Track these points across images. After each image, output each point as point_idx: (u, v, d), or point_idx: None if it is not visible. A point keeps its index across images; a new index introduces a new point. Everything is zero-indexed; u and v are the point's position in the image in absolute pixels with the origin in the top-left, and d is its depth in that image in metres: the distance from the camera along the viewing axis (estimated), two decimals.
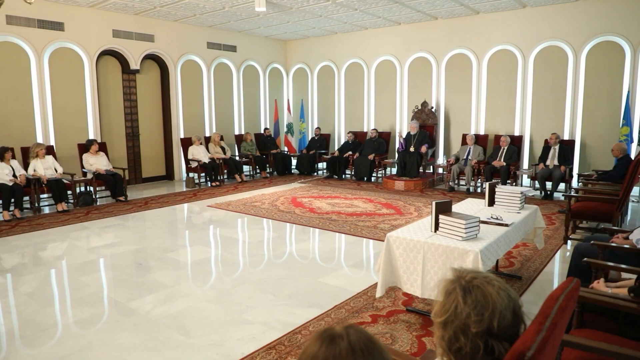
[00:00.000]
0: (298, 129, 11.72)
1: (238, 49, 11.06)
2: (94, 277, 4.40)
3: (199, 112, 10.47)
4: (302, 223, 6.21)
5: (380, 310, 3.46)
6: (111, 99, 9.16)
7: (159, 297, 3.78)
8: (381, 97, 10.75)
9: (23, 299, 3.82)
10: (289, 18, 9.50)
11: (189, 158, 9.39)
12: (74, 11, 8.20)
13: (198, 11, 8.86)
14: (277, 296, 3.76)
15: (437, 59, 9.76)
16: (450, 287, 1.19)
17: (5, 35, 7.47)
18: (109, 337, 3.11)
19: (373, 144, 9.88)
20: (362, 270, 4.46)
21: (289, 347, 2.93)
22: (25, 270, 4.61)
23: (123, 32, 8.93)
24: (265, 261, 4.79)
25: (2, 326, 3.36)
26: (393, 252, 3.20)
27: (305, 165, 10.67)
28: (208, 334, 3.12)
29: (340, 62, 11.32)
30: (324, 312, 3.42)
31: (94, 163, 7.81)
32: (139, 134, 9.67)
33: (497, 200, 4.07)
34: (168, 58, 9.74)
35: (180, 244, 5.59)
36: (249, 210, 6.99)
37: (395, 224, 6.05)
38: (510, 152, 8.23)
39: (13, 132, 7.64)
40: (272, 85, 12.09)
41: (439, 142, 9.85)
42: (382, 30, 10.46)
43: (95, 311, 3.58)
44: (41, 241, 5.58)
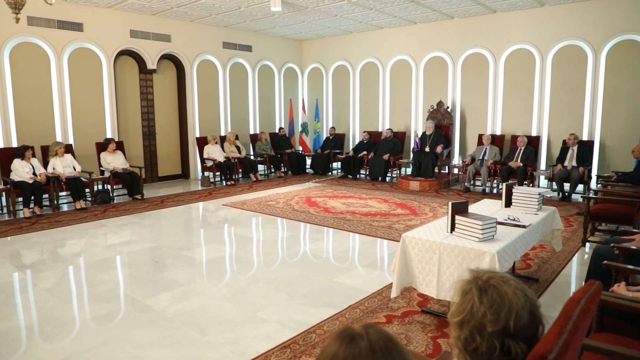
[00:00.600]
0: (313, 128, 11.72)
1: (253, 48, 11.11)
2: (111, 274, 4.46)
3: (214, 111, 10.55)
4: (317, 222, 6.21)
5: (395, 310, 3.44)
6: (128, 98, 9.27)
7: (174, 295, 3.81)
8: (396, 96, 10.70)
9: (42, 295, 3.89)
10: (304, 18, 9.51)
11: (205, 157, 9.46)
12: (93, 12, 8.32)
13: (214, 11, 8.92)
14: (291, 295, 3.76)
15: (453, 58, 9.68)
16: (466, 287, 1.18)
17: (26, 36, 7.61)
18: (125, 334, 3.15)
19: (388, 144, 9.84)
20: (377, 270, 4.44)
21: (304, 346, 2.93)
22: (45, 266, 4.69)
23: (140, 32, 9.03)
24: (279, 260, 4.80)
25: (22, 321, 3.42)
26: (408, 253, 3.18)
27: (320, 164, 10.67)
28: (223, 332, 3.13)
29: (355, 62, 11.30)
30: (339, 312, 3.41)
31: (111, 162, 7.91)
32: (155, 133, 9.77)
33: (514, 201, 4.02)
34: (184, 58, 9.82)
35: (196, 242, 5.64)
36: (263, 210, 7.02)
37: (410, 224, 6.02)
38: (527, 152, 8.12)
39: (33, 130, 7.78)
40: (287, 84, 12.12)
41: (455, 142, 9.77)
42: (397, 29, 10.41)
43: (112, 308, 3.62)
44: (60, 238, 5.67)
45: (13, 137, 7.59)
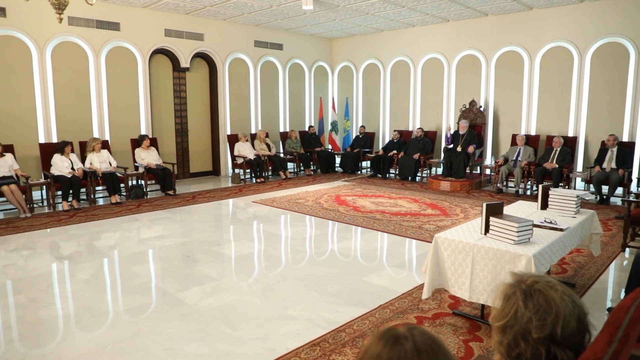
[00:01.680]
0: (342, 127, 11.70)
1: (284, 47, 11.17)
2: (145, 267, 4.56)
3: (245, 109, 10.65)
4: (346, 221, 6.20)
5: (425, 312, 3.40)
6: (162, 96, 9.47)
7: (205, 290, 3.87)
8: (427, 95, 10.57)
9: (80, 286, 4.01)
10: (335, 16, 9.50)
11: (235, 154, 9.57)
12: (129, 12, 8.52)
13: (246, 10, 9.00)
14: (321, 293, 3.77)
15: (486, 56, 9.49)
16: (509, 291, 1.15)
17: (67, 35, 7.86)
18: (158, 326, 3.21)
19: (418, 143, 9.73)
20: (407, 270, 4.40)
21: (333, 344, 2.93)
22: (81, 258, 4.84)
23: (174, 31, 9.20)
24: (308, 258, 4.81)
25: (60, 310, 3.54)
26: (441, 254, 3.13)
27: (349, 163, 10.64)
28: (253, 328, 3.16)
29: (386, 60, 11.21)
30: (368, 312, 3.39)
31: (145, 158, 8.09)
32: (187, 130, 9.95)
33: (550, 204, 3.91)
34: (216, 56, 9.95)
35: (226, 238, 5.71)
36: (292, 207, 7.05)
37: (441, 225, 5.94)
38: (563, 153, 7.89)
39: (72, 127, 8.03)
40: (317, 83, 12.14)
41: (487, 142, 9.58)
42: (429, 27, 10.27)
43: (146, 300, 3.71)
44: (96, 231, 5.84)
45: (53, 133, 7.86)
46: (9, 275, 4.32)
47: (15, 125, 7.47)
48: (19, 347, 2.97)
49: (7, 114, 7.39)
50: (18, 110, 7.51)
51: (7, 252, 5.02)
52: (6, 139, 7.16)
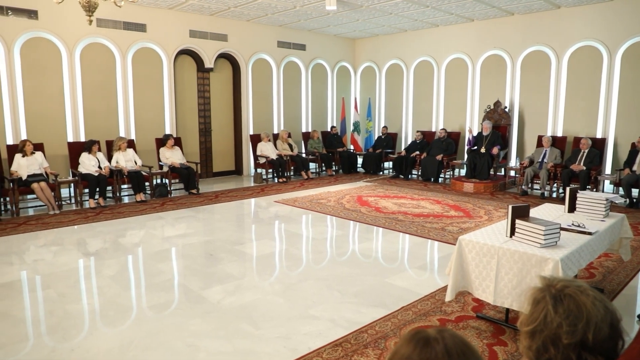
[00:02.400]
0: (365, 127, 11.67)
1: (307, 47, 11.19)
2: (169, 265, 4.63)
3: (268, 109, 10.72)
4: (368, 222, 6.18)
5: (448, 314, 3.36)
6: (186, 96, 9.60)
7: (228, 288, 3.91)
8: (451, 96, 10.45)
9: (106, 281, 4.10)
10: (359, 16, 9.48)
11: (258, 154, 9.64)
12: (155, 13, 8.66)
13: (270, 11, 9.05)
14: (342, 294, 3.76)
15: (512, 56, 9.33)
16: (538, 295, 1.12)
17: (95, 37, 8.04)
18: (182, 323, 3.26)
19: (441, 144, 9.64)
20: (429, 272, 4.36)
21: (355, 345, 2.92)
22: (107, 254, 4.94)
23: (199, 32, 9.31)
24: (330, 258, 4.82)
25: (87, 305, 3.62)
26: (465, 256, 3.10)
27: (371, 164, 10.60)
28: (275, 327, 3.18)
29: (409, 60, 11.14)
30: (391, 313, 3.38)
31: (169, 157, 8.21)
32: (211, 130, 10.06)
33: (578, 207, 3.82)
34: (240, 57, 10.04)
35: (248, 237, 5.76)
36: (314, 207, 7.06)
37: (464, 227, 5.87)
38: (591, 155, 7.71)
39: (99, 126, 8.21)
40: (340, 83, 12.13)
41: (512, 144, 9.42)
42: (453, 27, 10.16)
43: (170, 297, 3.76)
44: (121, 228, 5.96)
45: (81, 132, 8.05)
46: (38, 270, 4.44)
47: (45, 125, 7.68)
48: (48, 340, 3.05)
49: (37, 113, 7.60)
50: (48, 109, 7.72)
51: (37, 248, 5.16)
52: (36, 137, 7.37)
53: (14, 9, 7.21)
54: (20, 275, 4.34)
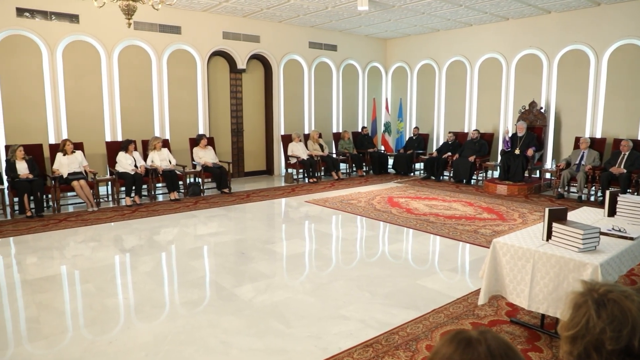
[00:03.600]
0: (396, 128, 11.58)
1: (338, 48, 11.20)
2: (201, 262, 4.72)
3: (299, 109, 10.79)
4: (399, 223, 6.14)
5: (481, 318, 3.31)
6: (219, 96, 9.76)
7: (260, 286, 3.96)
8: (484, 96, 10.27)
9: (142, 277, 4.21)
10: (391, 16, 9.43)
11: (289, 154, 9.71)
12: (190, 15, 8.85)
13: (302, 12, 9.10)
14: (373, 294, 3.75)
15: (548, 55, 9.09)
16: (580, 300, 1.10)
17: (132, 39, 8.27)
18: (215, 320, 3.32)
19: (474, 145, 9.47)
20: (461, 275, 4.30)
21: (386, 346, 2.91)
22: (142, 251, 5.08)
23: (232, 33, 9.45)
24: (360, 259, 4.81)
25: (124, 300, 3.73)
26: (499, 259, 3.04)
27: (402, 165, 10.52)
28: (306, 326, 3.20)
29: (441, 60, 11.00)
30: (422, 315, 3.35)
31: (202, 156, 8.37)
32: (242, 130, 10.20)
33: (618, 211, 3.70)
34: (272, 58, 10.14)
35: (279, 236, 5.81)
36: (345, 208, 7.06)
37: (498, 229, 5.76)
38: (632, 157, 7.42)
39: (135, 126, 8.44)
40: (371, 83, 12.09)
41: (548, 145, 9.18)
42: (487, 26, 9.98)
43: (203, 294, 3.84)
44: (156, 226, 6.11)
45: (118, 131, 8.29)
46: (77, 265, 4.60)
47: (84, 125, 7.95)
48: (88, 332, 3.16)
49: (77, 113, 7.87)
50: (87, 110, 7.98)
51: (76, 244, 5.35)
52: (77, 137, 7.64)
53: (57, 13, 7.50)
54: (61, 270, 4.52)
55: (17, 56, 7.28)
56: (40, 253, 4.97)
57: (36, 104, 7.51)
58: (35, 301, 3.67)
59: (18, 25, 7.21)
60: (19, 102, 7.35)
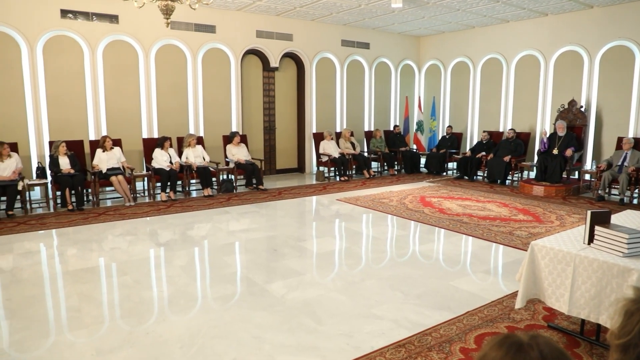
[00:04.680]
0: (428, 127, 11.44)
1: (371, 45, 11.14)
2: (234, 258, 4.79)
3: (331, 108, 10.79)
4: (431, 223, 6.06)
5: (517, 322, 3.23)
6: (252, 94, 9.86)
7: (291, 283, 3.98)
8: (521, 94, 10.01)
9: (177, 271, 4.30)
10: (425, 13, 9.30)
11: (320, 152, 9.72)
12: (225, 15, 8.97)
13: (335, 10, 9.09)
14: (406, 295, 3.72)
15: (589, 52, 8.78)
16: (632, 307, 1.05)
17: (169, 39, 8.44)
18: (247, 315, 3.36)
19: (510, 145, 9.25)
20: (495, 277, 4.21)
21: (419, 347, 2.88)
22: (177, 245, 5.19)
23: (265, 32, 9.53)
24: (392, 258, 4.77)
25: (159, 292, 3.82)
26: (537, 262, 2.96)
27: (435, 164, 10.38)
28: (338, 324, 3.20)
29: (476, 58, 10.79)
30: (456, 317, 3.30)
31: (235, 153, 8.47)
32: (275, 127, 10.27)
33: None
34: (304, 56, 10.17)
35: (311, 234, 5.83)
36: (376, 207, 7.02)
37: (534, 231, 5.61)
38: None
39: (171, 123, 8.63)
40: (404, 82, 11.97)
41: (588, 146, 8.87)
42: (525, 22, 9.72)
43: (236, 289, 3.89)
44: (190, 221, 6.23)
45: (155, 128, 8.49)
46: (115, 257, 4.74)
47: (123, 122, 8.17)
48: (126, 323, 3.25)
49: (116, 111, 8.11)
50: (126, 107, 8.21)
51: (114, 237, 5.51)
52: (115, 133, 7.87)
53: (98, 14, 7.73)
54: (99, 262, 4.66)
55: (60, 56, 7.55)
56: (81, 245, 5.14)
57: (78, 102, 7.77)
58: (77, 291, 3.80)
59: (62, 26, 7.48)
60: (62, 100, 7.63)
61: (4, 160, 6.51)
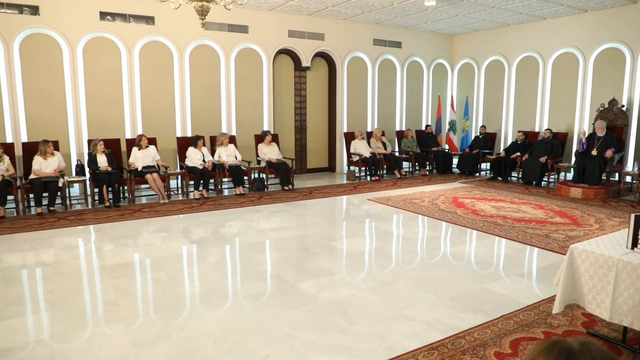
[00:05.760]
0: (461, 126, 11.25)
1: (403, 44, 11.04)
2: (265, 256, 4.83)
3: (362, 107, 10.75)
4: (464, 224, 5.96)
5: (554, 328, 3.14)
6: (284, 94, 9.92)
7: (323, 282, 3.98)
8: (558, 93, 9.72)
9: (209, 268, 4.37)
10: (458, 11, 9.15)
11: (351, 152, 9.70)
12: (257, 15, 9.05)
13: (367, 9, 9.05)
14: (439, 296, 3.67)
15: (632, 50, 8.45)
16: None
17: (202, 39, 8.58)
18: (279, 313, 3.38)
19: (546, 145, 9.00)
20: (530, 281, 4.10)
21: (452, 350, 2.84)
22: (209, 243, 5.27)
23: (297, 32, 9.57)
24: (425, 259, 4.71)
25: (192, 289, 3.88)
26: (577, 267, 2.87)
27: (467, 164, 10.20)
28: (370, 324, 3.18)
29: (511, 56, 10.54)
30: (490, 321, 3.23)
31: (267, 152, 8.54)
32: (306, 127, 10.31)
33: None
34: (336, 55, 10.16)
35: (342, 233, 5.82)
36: (408, 207, 6.95)
37: (572, 235, 5.44)
38: None
39: (204, 122, 8.77)
40: (436, 81, 11.81)
41: (629, 147, 8.54)
42: (563, 19, 9.43)
43: (268, 287, 3.92)
44: (222, 219, 6.32)
45: (188, 127, 8.65)
46: (150, 253, 4.86)
47: (158, 121, 8.36)
48: (160, 317, 3.32)
49: (152, 110, 8.30)
50: (160, 107, 8.39)
51: (149, 233, 5.64)
52: (151, 132, 8.06)
53: (135, 16, 7.93)
54: (135, 257, 4.78)
55: (99, 57, 7.78)
56: (117, 241, 5.28)
57: (115, 101, 7.99)
58: (113, 286, 3.91)
59: (101, 28, 7.70)
60: (101, 100, 7.86)
61: (47, 158, 6.77)
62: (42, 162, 6.73)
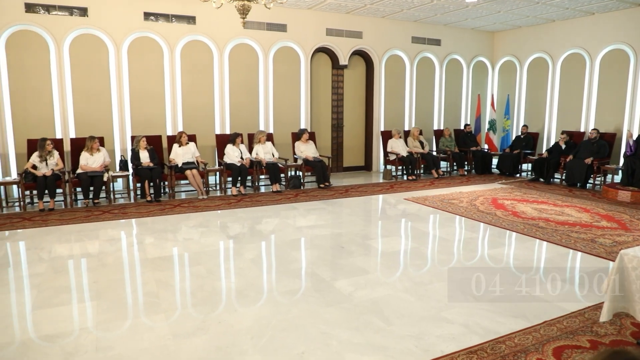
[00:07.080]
0: (501, 126, 10.96)
1: (442, 42, 10.85)
2: (301, 253, 4.85)
3: (399, 105, 10.64)
4: (504, 227, 5.81)
5: (601, 337, 3.01)
6: (321, 92, 9.93)
7: (359, 281, 3.97)
8: (605, 92, 9.33)
9: (247, 264, 4.43)
10: (500, 7, 8.91)
11: (388, 151, 9.62)
12: (295, 13, 9.09)
13: (405, 6, 8.94)
14: (477, 299, 3.59)
15: None
16: None
17: (242, 38, 8.70)
18: (315, 310, 3.39)
19: (592, 146, 8.65)
20: (575, 287, 3.95)
21: (492, 355, 2.77)
22: (246, 239, 5.34)
23: (335, 30, 9.56)
24: (463, 260, 4.62)
25: (228, 283, 3.95)
26: (627, 274, 2.74)
27: (508, 165, 9.93)
28: (406, 325, 3.15)
29: (556, 53, 10.18)
30: (532, 327, 3.13)
31: (304, 150, 8.58)
32: (343, 125, 10.29)
33: None
34: (374, 53, 10.09)
35: (378, 232, 5.78)
36: (445, 207, 6.84)
37: (619, 240, 5.21)
38: None
39: (242, 120, 8.90)
40: (476, 79, 11.55)
41: None
42: (612, 14, 9.03)
43: (304, 284, 3.94)
44: (258, 216, 6.39)
45: (227, 125, 8.79)
46: (189, 247, 4.97)
47: (198, 118, 8.54)
48: (199, 311, 3.39)
49: (192, 108, 8.48)
50: (200, 104, 8.57)
51: (188, 228, 5.77)
52: (191, 129, 8.24)
53: (177, 16, 8.12)
54: (174, 251, 4.90)
55: (143, 56, 8.02)
56: (157, 235, 5.43)
57: (157, 99, 8.21)
58: (154, 278, 4.02)
59: (145, 28, 7.93)
60: (144, 98, 8.10)
61: (94, 154, 7.03)
62: (89, 158, 7.00)
